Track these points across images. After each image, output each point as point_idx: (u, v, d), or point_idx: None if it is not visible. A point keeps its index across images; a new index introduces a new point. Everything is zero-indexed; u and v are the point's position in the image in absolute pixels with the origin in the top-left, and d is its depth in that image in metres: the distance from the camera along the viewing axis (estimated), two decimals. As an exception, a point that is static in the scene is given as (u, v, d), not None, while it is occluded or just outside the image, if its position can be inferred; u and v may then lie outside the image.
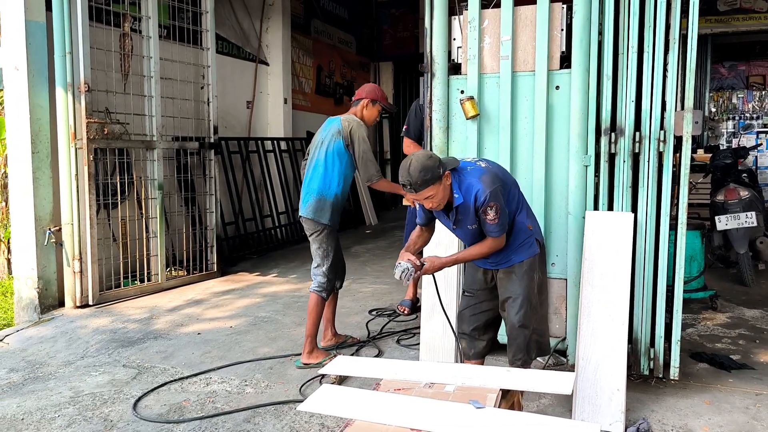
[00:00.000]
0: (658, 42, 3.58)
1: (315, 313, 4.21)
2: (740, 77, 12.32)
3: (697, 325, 4.93)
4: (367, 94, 4.37)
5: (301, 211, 4.27)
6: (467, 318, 3.37)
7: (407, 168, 2.94)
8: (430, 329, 4.04)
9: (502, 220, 3.03)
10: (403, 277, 3.11)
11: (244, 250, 8.08)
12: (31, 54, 5.34)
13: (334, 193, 4.19)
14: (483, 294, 3.34)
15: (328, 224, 4.21)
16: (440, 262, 3.18)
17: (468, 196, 3.02)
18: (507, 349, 3.29)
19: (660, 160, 3.63)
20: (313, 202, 4.18)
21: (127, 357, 4.40)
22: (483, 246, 3.12)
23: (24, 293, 5.49)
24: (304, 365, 4.12)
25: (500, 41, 3.94)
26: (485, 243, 3.11)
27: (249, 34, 8.88)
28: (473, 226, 3.10)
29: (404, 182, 2.95)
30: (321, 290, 4.24)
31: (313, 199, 4.18)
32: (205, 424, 3.40)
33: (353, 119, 4.25)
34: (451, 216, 3.12)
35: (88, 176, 5.43)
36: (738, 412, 3.41)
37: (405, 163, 2.97)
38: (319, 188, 4.18)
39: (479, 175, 3.04)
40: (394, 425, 2.29)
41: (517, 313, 3.16)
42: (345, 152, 4.19)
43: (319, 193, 4.17)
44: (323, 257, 4.25)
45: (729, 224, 5.88)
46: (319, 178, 4.19)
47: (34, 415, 3.53)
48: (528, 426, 2.33)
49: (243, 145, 8.43)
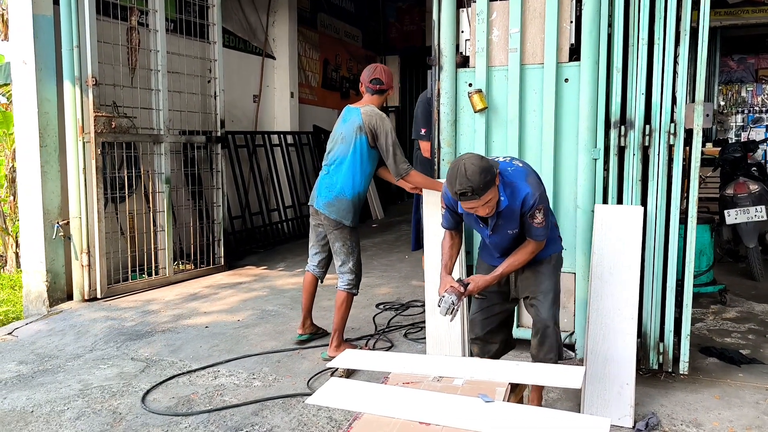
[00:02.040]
0: (668, 34, 3.55)
1: (344, 308, 4.15)
2: (749, 70, 12.22)
3: (706, 319, 4.90)
4: (388, 82, 4.20)
5: (318, 205, 4.12)
6: (479, 322, 3.22)
7: (464, 173, 2.66)
8: (434, 323, 4.04)
9: (547, 223, 2.91)
10: (448, 313, 2.91)
11: (251, 243, 8.09)
12: (39, 48, 5.35)
13: (357, 193, 4.07)
14: (495, 296, 3.19)
15: (350, 224, 4.10)
16: (484, 281, 2.98)
17: (514, 199, 2.85)
18: (534, 346, 3.13)
19: (670, 153, 3.60)
20: (335, 201, 4.05)
21: (135, 350, 4.42)
22: (526, 252, 2.95)
23: (33, 286, 5.52)
24: (331, 358, 3.96)
25: (509, 33, 3.92)
26: (527, 248, 2.95)
27: (256, 27, 8.86)
28: (514, 231, 2.93)
29: (464, 189, 2.67)
30: (351, 287, 4.17)
31: (335, 199, 4.05)
32: (213, 416, 3.40)
33: (374, 112, 4.03)
34: (491, 221, 2.91)
35: (95, 170, 5.44)
36: (748, 407, 3.39)
37: (458, 169, 2.68)
38: (342, 187, 4.04)
39: (524, 177, 2.88)
40: (403, 419, 2.28)
41: (549, 310, 3.04)
42: (369, 149, 4.03)
43: (342, 192, 4.04)
44: (348, 254, 4.14)
45: (738, 218, 5.85)
46: (343, 176, 4.04)
47: (43, 408, 3.55)
48: (537, 420, 2.32)
49: (250, 139, 8.43)
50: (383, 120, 4.02)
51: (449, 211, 3.06)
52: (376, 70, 4.19)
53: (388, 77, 4.20)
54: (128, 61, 6.08)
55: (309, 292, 4.43)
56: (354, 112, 4.09)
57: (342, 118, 4.18)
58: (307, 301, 4.45)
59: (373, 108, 4.07)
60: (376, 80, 4.16)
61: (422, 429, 2.21)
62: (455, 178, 2.69)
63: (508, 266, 2.98)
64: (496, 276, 2.98)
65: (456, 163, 2.73)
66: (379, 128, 3.98)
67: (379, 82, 4.16)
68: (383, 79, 4.17)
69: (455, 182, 2.68)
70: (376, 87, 4.16)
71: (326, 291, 5.22)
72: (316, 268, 4.40)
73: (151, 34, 6.05)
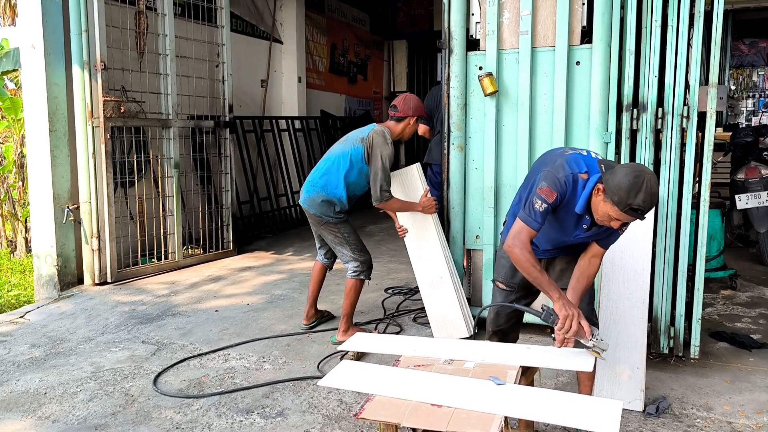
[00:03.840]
0: (682, 16, 3.51)
1: (352, 294, 4.21)
2: (761, 54, 12.08)
3: (716, 304, 4.89)
4: (415, 111, 4.13)
5: (302, 201, 4.19)
6: (505, 315, 3.06)
7: (650, 191, 2.35)
8: (434, 305, 4.15)
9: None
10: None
11: (260, 228, 8.11)
12: (48, 32, 5.34)
13: (338, 196, 4.07)
14: (522, 289, 2.98)
15: (332, 220, 4.12)
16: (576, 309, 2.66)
17: None
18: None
19: (682, 137, 3.57)
20: (316, 198, 4.08)
21: (146, 333, 4.44)
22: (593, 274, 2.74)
23: (44, 270, 5.55)
24: (340, 342, 3.96)
25: (520, 16, 3.89)
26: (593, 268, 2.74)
27: (263, 12, 8.82)
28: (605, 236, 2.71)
29: (643, 207, 2.37)
30: (358, 274, 4.20)
31: (317, 195, 4.08)
32: (224, 399, 3.43)
33: (383, 134, 4.00)
34: (595, 227, 2.64)
35: (105, 154, 5.45)
36: (759, 391, 3.39)
37: (646, 183, 2.34)
38: (323, 185, 4.07)
39: None
40: (415, 400, 2.29)
41: (588, 304, 2.89)
42: (361, 163, 4.02)
43: (324, 190, 4.07)
44: (343, 244, 4.18)
45: (749, 203, 5.81)
46: (326, 176, 4.08)
47: (56, 390, 3.58)
48: (549, 402, 2.33)
49: (257, 124, 8.42)
50: (385, 146, 3.97)
51: (552, 206, 2.60)
52: (398, 99, 4.20)
53: (404, 104, 4.13)
54: (136, 46, 6.06)
55: (317, 280, 4.50)
56: (370, 127, 4.12)
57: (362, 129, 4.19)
58: (314, 288, 4.51)
59: (386, 131, 4.04)
60: (393, 107, 4.17)
61: (434, 411, 2.22)
62: (638, 192, 2.34)
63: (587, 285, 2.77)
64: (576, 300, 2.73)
65: (641, 174, 2.37)
66: (376, 149, 3.95)
67: (395, 108, 4.15)
68: (399, 106, 4.13)
69: (637, 196, 2.34)
70: (392, 113, 4.17)
71: (336, 276, 5.23)
72: (324, 258, 4.48)
73: (159, 18, 6.03)
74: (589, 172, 2.56)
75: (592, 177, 2.54)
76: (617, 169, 2.44)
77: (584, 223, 2.64)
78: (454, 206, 4.20)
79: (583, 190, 2.56)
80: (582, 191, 2.56)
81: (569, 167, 2.58)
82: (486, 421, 2.12)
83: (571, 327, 2.54)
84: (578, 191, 2.58)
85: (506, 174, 4.06)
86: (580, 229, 2.66)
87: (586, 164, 2.59)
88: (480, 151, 4.12)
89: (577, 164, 2.59)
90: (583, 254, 2.79)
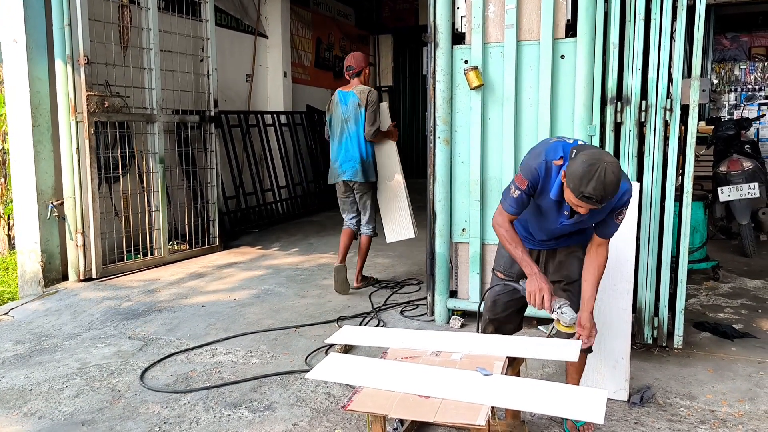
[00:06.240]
0: (665, 10, 3.54)
1: (365, 249, 5.27)
2: (742, 48, 12.19)
3: (699, 295, 4.95)
4: (364, 62, 5.21)
5: (347, 177, 5.07)
6: (503, 303, 3.03)
7: (602, 179, 2.35)
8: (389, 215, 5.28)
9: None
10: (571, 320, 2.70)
11: (246, 224, 8.08)
12: (30, 26, 5.28)
13: (371, 156, 5.09)
14: (521, 278, 2.91)
15: (376, 180, 5.15)
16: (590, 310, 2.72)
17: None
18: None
19: (666, 130, 3.61)
20: (359, 168, 5.02)
21: (132, 329, 4.42)
22: (605, 262, 2.72)
23: (28, 267, 5.50)
24: (356, 288, 5.28)
25: (505, 9, 3.90)
26: (603, 256, 2.72)
27: (248, 6, 8.77)
28: (591, 226, 2.72)
29: (594, 196, 2.37)
30: (372, 232, 5.23)
31: (359, 165, 5.02)
32: (212, 393, 3.43)
33: (364, 89, 5.04)
34: (577, 216, 2.61)
35: (89, 150, 5.40)
36: (741, 380, 3.44)
37: (598, 172, 2.34)
38: (360, 155, 5.02)
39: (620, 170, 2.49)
40: (402, 392, 2.30)
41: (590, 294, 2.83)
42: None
43: (361, 159, 5.03)
44: (371, 207, 5.21)
45: (732, 195, 5.88)
46: (357, 147, 5.02)
47: (42, 386, 3.56)
48: (535, 393, 2.35)
49: (243, 119, 8.38)
50: (372, 93, 5.04)
51: (526, 193, 2.66)
52: (347, 59, 5.25)
53: (356, 61, 5.19)
54: (120, 40, 6.01)
55: (345, 244, 5.29)
56: (350, 95, 5.09)
57: (339, 101, 5.14)
58: (344, 248, 5.27)
59: (362, 86, 5.08)
60: (349, 67, 5.19)
61: (421, 401, 2.24)
62: (590, 180, 2.35)
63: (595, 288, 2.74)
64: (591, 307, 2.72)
65: (596, 162, 2.38)
66: (371, 99, 5.01)
67: (351, 68, 5.17)
68: (353, 65, 5.16)
69: (588, 184, 2.36)
70: (349, 72, 5.19)
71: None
72: (353, 225, 5.33)
73: (143, 12, 5.98)
74: (564, 158, 2.59)
75: (565, 163, 2.57)
76: (577, 156, 2.46)
77: (565, 209, 2.65)
78: (441, 200, 4.22)
79: (557, 176, 2.59)
80: (555, 177, 2.60)
81: (545, 155, 2.62)
82: (473, 411, 2.14)
83: (538, 300, 2.68)
84: (551, 177, 2.61)
85: (492, 167, 4.08)
86: (563, 216, 2.68)
87: (564, 151, 2.60)
88: (466, 145, 4.14)
89: (555, 151, 2.61)
90: (590, 245, 2.79)
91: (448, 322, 4.34)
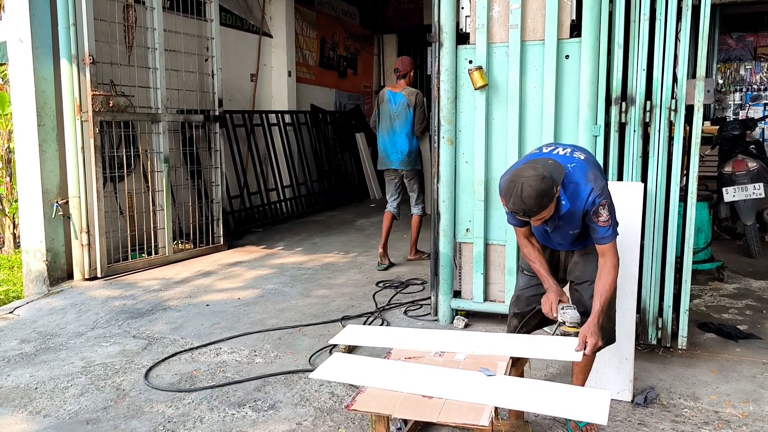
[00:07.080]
0: (670, 10, 3.53)
1: (417, 226, 6.09)
2: (748, 48, 12.14)
3: (704, 296, 4.94)
4: (410, 66, 6.00)
5: (395, 166, 5.98)
6: (525, 298, 3.08)
7: (519, 194, 2.48)
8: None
9: (614, 219, 2.69)
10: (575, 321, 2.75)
11: (250, 223, 8.10)
12: (35, 26, 5.30)
13: (416, 147, 5.97)
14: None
15: (421, 167, 6.06)
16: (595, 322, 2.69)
17: (576, 200, 2.64)
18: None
19: (670, 130, 3.60)
20: (406, 158, 5.93)
21: (137, 328, 4.44)
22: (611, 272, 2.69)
23: (33, 266, 5.52)
24: (411, 260, 6.19)
25: (509, 9, 3.90)
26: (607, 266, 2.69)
27: (252, 5, 8.78)
28: (575, 231, 2.78)
29: (516, 210, 2.53)
30: (423, 212, 6.08)
31: (406, 156, 5.92)
32: (216, 392, 3.44)
33: (412, 92, 5.90)
34: (551, 223, 2.74)
35: (94, 149, 5.42)
36: (745, 381, 3.43)
37: (515, 188, 2.49)
38: (408, 148, 5.91)
39: (585, 173, 2.65)
40: (406, 392, 2.31)
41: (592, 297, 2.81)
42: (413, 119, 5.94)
43: (409, 150, 5.92)
44: (420, 191, 6.09)
45: (737, 196, 5.87)
46: (406, 140, 5.90)
47: (47, 385, 3.57)
48: (539, 393, 2.35)
49: (247, 119, 8.40)
50: (419, 95, 5.91)
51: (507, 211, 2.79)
52: (397, 62, 6.11)
53: (404, 65, 6.00)
54: (125, 39, 6.03)
55: (386, 227, 6.03)
56: (399, 95, 5.94)
57: (389, 99, 5.97)
58: (386, 231, 6.00)
59: (410, 89, 5.94)
60: (396, 70, 6.03)
61: (425, 402, 2.24)
62: (510, 196, 2.52)
63: (606, 294, 2.71)
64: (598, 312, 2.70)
65: (514, 179, 2.53)
66: (417, 102, 5.89)
67: (398, 70, 6.00)
68: (400, 68, 5.99)
69: (509, 200, 2.54)
70: (397, 74, 6.00)
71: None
72: (395, 209, 6.13)
73: (148, 12, 5.99)
74: None
75: None
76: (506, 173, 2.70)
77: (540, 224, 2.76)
78: (444, 200, 4.22)
79: None
80: None
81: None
82: (476, 411, 2.15)
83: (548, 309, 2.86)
84: None
85: (496, 167, 4.08)
86: (543, 227, 2.83)
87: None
88: (470, 145, 4.14)
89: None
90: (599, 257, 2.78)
91: (452, 322, 4.34)
